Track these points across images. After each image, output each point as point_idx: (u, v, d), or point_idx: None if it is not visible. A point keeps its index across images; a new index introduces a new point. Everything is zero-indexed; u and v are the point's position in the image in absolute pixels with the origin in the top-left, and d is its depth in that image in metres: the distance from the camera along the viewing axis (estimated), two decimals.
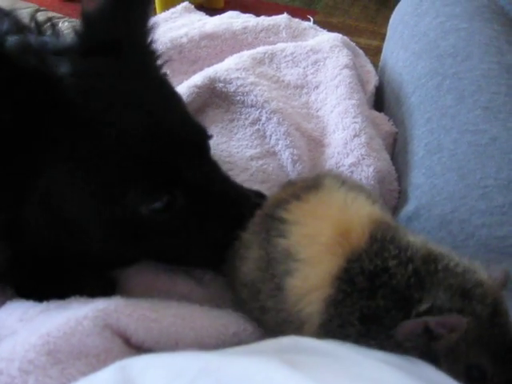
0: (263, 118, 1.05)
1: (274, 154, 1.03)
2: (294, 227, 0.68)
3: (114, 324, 0.66)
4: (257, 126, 1.06)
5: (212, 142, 1.04)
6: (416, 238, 0.66)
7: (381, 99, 1.18)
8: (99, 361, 0.63)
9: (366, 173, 0.96)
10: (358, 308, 0.62)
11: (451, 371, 0.60)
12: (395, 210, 0.99)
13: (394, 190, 0.99)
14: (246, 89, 1.07)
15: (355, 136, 1.00)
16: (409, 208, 0.94)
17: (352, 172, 0.97)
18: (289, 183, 0.81)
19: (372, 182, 0.96)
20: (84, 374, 0.61)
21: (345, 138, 1.00)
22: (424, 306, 0.60)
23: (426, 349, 0.60)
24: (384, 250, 0.64)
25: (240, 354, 0.55)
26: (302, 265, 0.65)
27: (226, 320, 0.72)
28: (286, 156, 1.00)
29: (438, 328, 0.59)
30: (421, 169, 0.96)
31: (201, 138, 0.78)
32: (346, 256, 0.64)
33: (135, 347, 0.69)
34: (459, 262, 0.63)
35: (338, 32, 1.25)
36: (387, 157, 1.01)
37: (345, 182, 0.74)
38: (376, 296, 0.62)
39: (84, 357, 0.63)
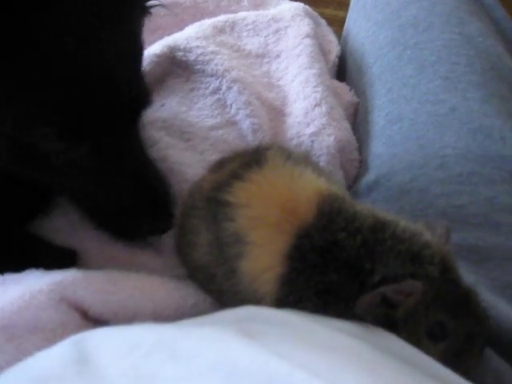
0: (223, 88, 1.03)
1: (235, 123, 1.02)
2: (240, 210, 0.67)
3: (71, 297, 0.65)
4: (217, 96, 1.04)
5: (172, 112, 1.04)
6: (363, 208, 0.66)
7: (343, 69, 1.17)
8: (56, 335, 0.62)
9: (326, 142, 0.96)
10: (313, 284, 0.63)
11: (411, 336, 0.61)
12: (356, 179, 0.99)
13: (354, 160, 0.99)
14: (207, 58, 1.05)
15: (316, 105, 0.99)
16: (369, 177, 0.94)
17: (313, 141, 0.97)
18: (221, 161, 0.79)
19: (333, 151, 0.96)
20: (40, 348, 0.59)
21: (306, 108, 1.00)
22: (377, 277, 0.61)
23: (385, 318, 0.61)
24: (332, 223, 0.64)
25: (197, 325, 0.55)
26: (252, 247, 0.65)
27: (185, 291, 0.72)
28: (246, 125, 0.99)
29: (395, 296, 0.60)
30: (381, 138, 0.96)
31: (138, 105, 0.74)
32: (294, 233, 0.64)
33: (93, 320, 0.68)
34: (405, 227, 0.63)
35: (304, 2, 1.23)
36: (348, 126, 1.01)
37: (290, 155, 0.73)
38: (328, 271, 0.62)
39: (40, 331, 0.62)
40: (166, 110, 1.04)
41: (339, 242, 0.63)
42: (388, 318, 0.61)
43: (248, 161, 0.73)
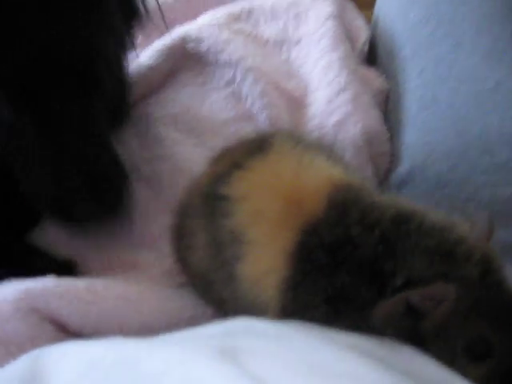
0: (238, 78, 0.94)
1: (251, 117, 0.93)
2: (238, 204, 0.58)
3: (43, 308, 0.56)
4: (231, 88, 0.96)
5: (183, 107, 0.96)
6: (385, 199, 0.55)
7: (373, 55, 1.06)
8: (22, 350, 0.53)
9: (352, 132, 0.85)
10: (321, 289, 0.52)
11: (444, 353, 0.50)
12: (387, 175, 0.87)
13: (385, 153, 0.88)
14: (219, 47, 0.96)
15: (340, 91, 0.88)
16: (401, 170, 0.82)
17: (337, 132, 0.86)
18: (223, 151, 0.69)
19: (360, 143, 0.85)
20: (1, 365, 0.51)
21: (328, 95, 0.89)
22: (400, 279, 0.50)
23: (410, 331, 0.50)
24: (345, 217, 0.53)
25: (170, 342, 0.45)
26: (251, 246, 0.56)
27: (181, 302, 0.62)
28: (263, 118, 0.90)
29: (423, 302, 0.48)
30: (414, 126, 0.84)
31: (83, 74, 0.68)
32: (300, 229, 0.54)
33: (74, 334, 0.59)
34: (435, 219, 0.52)
35: None
36: (377, 115, 0.89)
37: (300, 141, 0.63)
38: (340, 272, 0.51)
39: (3, 345, 0.53)
40: (176, 105, 0.95)
41: (353, 237, 0.52)
42: (414, 331, 0.50)
43: (251, 148, 0.64)
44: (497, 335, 0.50)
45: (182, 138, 0.89)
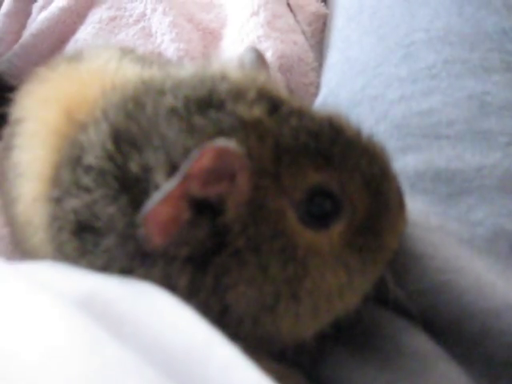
0: (148, 11, 0.81)
1: (160, 54, 0.77)
2: (23, 125, 0.47)
3: None
4: (141, 24, 0.82)
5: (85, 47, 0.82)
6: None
7: None
8: None
9: None
10: (70, 216, 0.38)
11: (275, 239, 0.35)
12: None
13: (309, 84, 0.70)
14: None
15: (253, 15, 0.72)
16: (318, 100, 0.64)
17: None
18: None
19: (274, 72, 0.67)
20: None
21: (240, 22, 0.73)
22: (161, 171, 0.33)
23: (211, 239, 0.34)
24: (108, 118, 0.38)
25: None
26: (24, 174, 0.45)
27: None
28: (171, 52, 0.76)
29: (207, 188, 0.33)
30: (337, 43, 0.66)
31: None
32: (63, 144, 0.40)
33: None
34: (174, 74, 0.37)
35: None
36: (300, 40, 0.72)
37: (128, 54, 0.51)
38: (89, 188, 0.37)
39: None
40: (79, 46, 0.82)
41: (86, 146, 0.37)
42: (218, 236, 0.34)
43: (60, 61, 0.52)
44: (335, 178, 0.36)
45: None
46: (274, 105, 0.35)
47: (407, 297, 0.40)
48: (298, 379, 0.40)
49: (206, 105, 0.34)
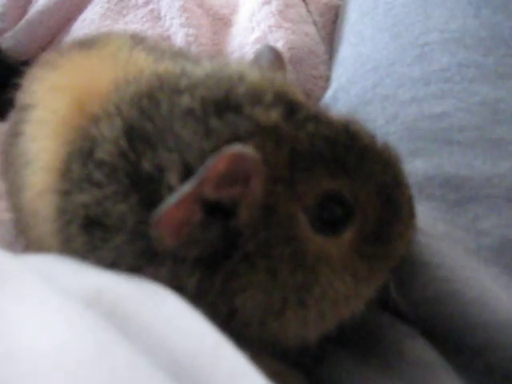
0: None
1: (168, 38, 0.77)
2: (32, 112, 0.45)
3: None
4: (150, 6, 0.81)
5: (92, 28, 0.81)
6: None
7: None
8: None
9: None
10: (81, 210, 0.37)
11: (285, 246, 0.35)
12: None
13: (319, 77, 0.70)
14: None
15: (265, 3, 0.71)
16: (328, 94, 0.63)
17: None
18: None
19: None
20: None
21: (252, 9, 0.73)
22: (174, 173, 0.33)
23: (224, 241, 0.34)
24: (118, 115, 0.37)
25: None
26: (33, 162, 0.43)
27: None
28: (180, 38, 0.75)
29: (221, 191, 0.33)
30: (349, 37, 0.65)
31: None
32: (75, 137, 0.40)
33: None
34: (194, 72, 0.36)
35: None
36: (311, 32, 0.71)
37: (140, 42, 0.49)
38: (100, 183, 0.36)
39: None
40: (85, 26, 0.81)
41: (98, 141, 0.37)
42: (229, 239, 0.34)
43: (71, 48, 0.51)
44: (348, 186, 0.35)
45: None
46: (291, 108, 0.35)
47: (409, 304, 0.40)
48: (300, 380, 0.40)
49: (223, 107, 0.34)
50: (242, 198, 0.33)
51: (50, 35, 0.84)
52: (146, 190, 0.34)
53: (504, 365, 0.37)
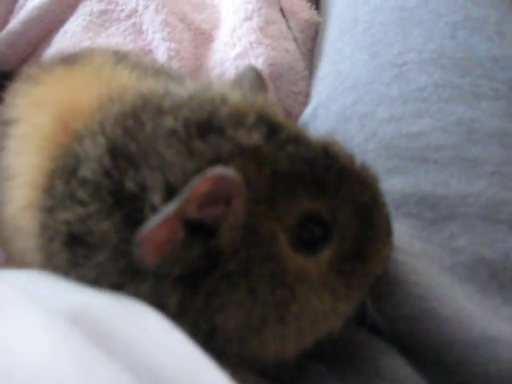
0: (140, 8, 0.80)
1: (150, 52, 0.77)
2: (14, 127, 0.46)
3: None
4: (133, 20, 0.81)
5: (74, 41, 0.81)
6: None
7: None
8: None
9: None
10: (63, 227, 0.38)
11: (263, 265, 0.35)
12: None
13: (298, 93, 0.71)
14: None
15: (246, 20, 0.72)
16: (307, 110, 0.64)
17: (237, 67, 0.69)
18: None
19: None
20: None
21: (233, 25, 0.73)
22: (158, 193, 0.33)
23: (204, 259, 0.35)
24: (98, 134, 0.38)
25: None
26: (14, 178, 0.44)
27: None
28: (161, 52, 0.75)
29: (204, 211, 0.33)
30: (329, 55, 0.66)
31: None
32: (58, 154, 0.40)
33: None
34: (176, 95, 0.37)
35: None
36: (292, 48, 0.72)
37: (123, 59, 0.50)
38: (83, 201, 0.37)
39: None
40: (67, 38, 0.81)
41: (82, 159, 0.37)
42: (210, 258, 0.35)
43: (54, 63, 0.51)
44: (327, 206, 0.36)
45: None
46: (273, 130, 0.36)
47: (386, 321, 0.41)
48: None
49: (206, 129, 0.34)
50: (224, 218, 0.34)
51: (32, 46, 0.84)
52: (129, 208, 0.34)
53: (478, 381, 0.38)
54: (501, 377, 0.38)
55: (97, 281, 0.36)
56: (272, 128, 0.36)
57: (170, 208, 0.32)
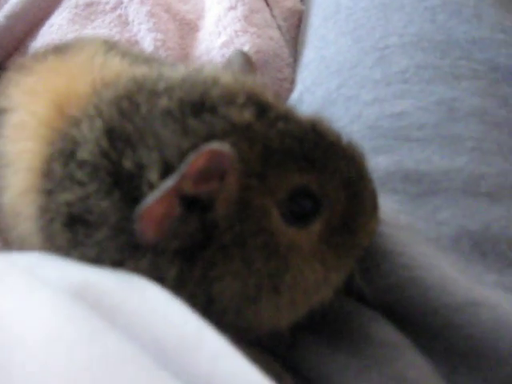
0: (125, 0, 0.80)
1: (136, 43, 0.78)
2: (9, 116, 0.47)
3: None
4: (118, 11, 0.82)
5: (58, 34, 0.82)
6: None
7: None
8: None
9: None
10: (62, 208, 0.39)
11: (257, 237, 0.37)
12: None
13: (284, 80, 0.72)
14: None
15: (230, 9, 0.74)
16: (293, 96, 0.66)
17: (223, 55, 0.71)
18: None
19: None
20: None
21: (218, 14, 0.74)
22: (154, 171, 0.34)
23: (201, 233, 0.36)
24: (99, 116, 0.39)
25: None
26: (9, 169, 0.45)
27: None
28: (147, 42, 0.76)
29: (199, 187, 0.35)
30: (313, 42, 0.68)
31: None
32: (53, 139, 0.42)
33: None
34: (168, 76, 0.39)
35: None
36: (276, 36, 0.74)
37: (113, 48, 0.51)
38: (83, 182, 0.38)
39: None
40: (53, 31, 0.81)
41: (79, 141, 0.39)
42: (206, 231, 0.36)
43: (47, 52, 0.52)
44: (316, 180, 0.38)
45: None
46: (263, 109, 0.38)
47: (373, 290, 0.43)
48: (273, 365, 0.43)
49: (200, 108, 0.36)
50: (219, 193, 0.35)
51: (17, 40, 0.85)
52: (128, 187, 0.36)
53: (461, 343, 0.40)
54: (483, 338, 0.40)
55: (97, 258, 0.37)
56: (262, 107, 0.38)
57: (167, 184, 0.34)
